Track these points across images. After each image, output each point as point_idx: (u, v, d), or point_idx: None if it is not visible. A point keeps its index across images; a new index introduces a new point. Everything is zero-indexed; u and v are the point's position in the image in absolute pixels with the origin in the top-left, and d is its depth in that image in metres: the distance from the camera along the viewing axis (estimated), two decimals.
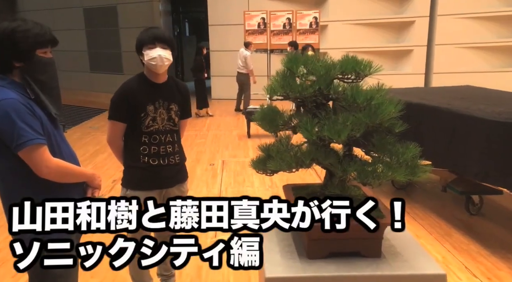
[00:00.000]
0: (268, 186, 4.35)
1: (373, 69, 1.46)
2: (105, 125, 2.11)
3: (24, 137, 1.41)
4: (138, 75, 2.05)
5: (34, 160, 1.45)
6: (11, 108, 1.41)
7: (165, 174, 2.06)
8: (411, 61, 10.22)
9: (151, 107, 2.00)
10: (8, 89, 1.47)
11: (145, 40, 1.95)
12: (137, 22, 12.28)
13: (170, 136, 2.07)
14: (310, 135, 1.40)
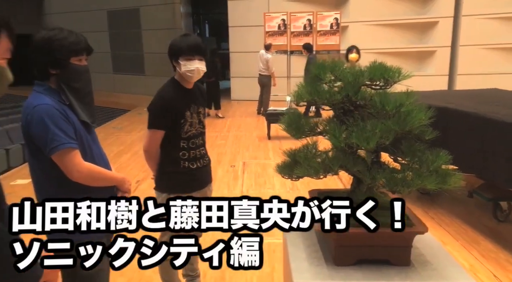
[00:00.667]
0: (289, 188, 4.35)
1: (402, 75, 1.45)
2: (129, 126, 2.16)
3: (56, 141, 1.46)
4: (172, 82, 2.08)
5: (66, 164, 1.50)
6: (45, 113, 1.47)
7: (201, 175, 2.15)
8: (434, 63, 10.04)
9: (188, 113, 2.05)
10: (44, 95, 1.53)
11: (184, 51, 1.98)
12: (159, 24, 12.48)
13: (201, 139, 2.14)
14: (338, 142, 1.40)
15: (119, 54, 14.18)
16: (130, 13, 13.34)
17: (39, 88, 1.55)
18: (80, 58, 1.57)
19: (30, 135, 1.50)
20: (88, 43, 1.60)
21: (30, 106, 1.50)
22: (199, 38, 2.06)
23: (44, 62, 1.52)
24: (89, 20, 13.64)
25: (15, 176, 5.00)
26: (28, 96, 1.57)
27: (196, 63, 1.98)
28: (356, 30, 10.27)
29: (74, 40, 1.54)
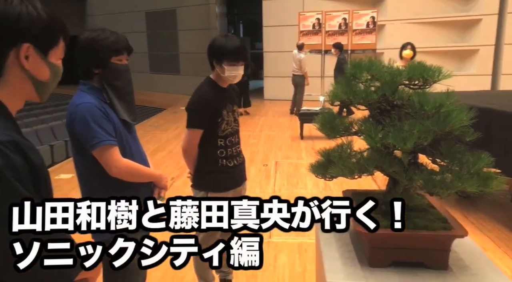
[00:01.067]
0: (322, 189, 4.32)
1: (442, 75, 1.41)
2: (164, 124, 2.23)
3: (96, 138, 1.53)
4: (209, 82, 2.12)
5: (105, 160, 1.56)
6: (87, 112, 1.55)
7: (238, 173, 2.19)
8: (476, 62, 9.62)
9: (225, 112, 2.09)
10: (87, 94, 1.61)
11: (229, 56, 2.00)
12: (195, 24, 12.72)
13: (237, 137, 2.18)
14: (374, 142, 1.38)
15: (156, 54, 14.57)
16: (167, 14, 13.68)
17: (83, 87, 1.63)
18: (120, 58, 1.63)
19: (73, 133, 1.58)
20: (128, 43, 1.66)
21: (73, 104, 1.58)
22: (241, 40, 2.06)
23: (87, 62, 1.60)
24: (129, 21, 14.11)
25: (59, 171, 5.26)
26: (73, 95, 1.66)
27: (239, 69, 2.03)
28: (394, 28, 10.02)
29: (115, 40, 1.60)
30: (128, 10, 14.63)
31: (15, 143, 0.80)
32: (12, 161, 0.77)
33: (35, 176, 0.82)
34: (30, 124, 7.96)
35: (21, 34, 0.85)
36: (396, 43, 9.59)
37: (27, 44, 0.86)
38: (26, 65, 0.87)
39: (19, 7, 0.84)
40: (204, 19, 12.66)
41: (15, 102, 0.90)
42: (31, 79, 0.89)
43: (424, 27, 9.91)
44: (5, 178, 0.75)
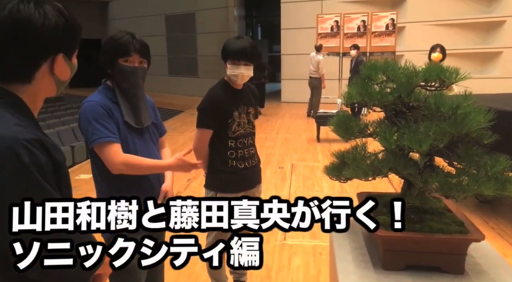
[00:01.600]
0: (338, 192, 4.28)
1: (459, 76, 1.39)
2: (182, 126, 2.25)
3: (95, 135, 1.56)
4: (222, 83, 2.13)
5: (103, 156, 1.58)
6: (89, 109, 1.59)
7: (249, 175, 2.17)
8: (500, 64, 9.39)
9: (236, 113, 2.09)
10: (99, 92, 1.66)
11: (231, 55, 2.02)
12: (213, 27, 12.83)
13: (251, 139, 2.17)
14: (389, 144, 1.37)
15: (175, 57, 14.76)
16: (186, 17, 13.84)
17: (100, 86, 1.69)
18: (128, 59, 1.63)
19: (80, 130, 1.64)
20: (142, 47, 1.65)
21: (83, 103, 1.64)
22: (250, 42, 2.05)
23: (101, 61, 1.65)
24: (149, 24, 14.34)
25: (79, 171, 5.38)
26: None
27: (241, 68, 2.01)
28: (414, 30, 9.88)
29: (124, 42, 1.61)
30: (148, 14, 14.87)
31: (40, 141, 0.82)
32: (38, 158, 0.80)
33: (57, 173, 0.85)
34: (53, 125, 8.17)
35: (57, 45, 0.88)
36: (417, 45, 9.48)
37: (61, 54, 0.90)
38: (56, 72, 0.91)
39: (54, 19, 0.87)
40: (223, 22, 12.76)
41: (38, 102, 0.94)
42: (55, 81, 0.93)
43: (445, 29, 9.74)
44: (32, 174, 0.78)
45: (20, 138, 0.79)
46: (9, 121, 0.82)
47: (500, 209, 3.64)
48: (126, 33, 1.65)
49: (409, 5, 9.97)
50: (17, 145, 0.78)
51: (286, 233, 3.36)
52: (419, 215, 1.40)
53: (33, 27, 0.84)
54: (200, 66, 13.77)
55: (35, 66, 0.88)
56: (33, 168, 0.78)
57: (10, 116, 0.84)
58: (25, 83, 0.88)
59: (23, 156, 0.77)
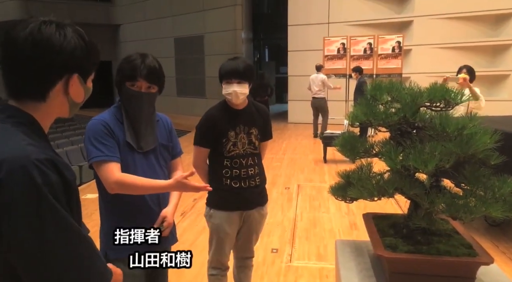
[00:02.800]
0: (345, 213, 4.23)
1: (464, 97, 1.39)
2: (189, 146, 2.26)
3: (93, 153, 1.57)
4: (220, 103, 2.16)
5: (99, 174, 1.59)
6: (91, 128, 1.61)
7: (246, 196, 2.13)
8: (508, 87, 9.39)
9: (232, 133, 2.09)
10: (108, 111, 1.69)
11: (223, 74, 2.06)
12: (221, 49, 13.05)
13: (251, 160, 2.14)
14: (394, 164, 1.36)
15: (183, 79, 14.98)
16: (195, 40, 14.12)
17: (113, 105, 1.73)
18: (134, 84, 1.64)
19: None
20: (152, 73, 1.64)
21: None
22: (243, 62, 2.06)
23: (115, 81, 1.69)
24: (158, 47, 14.64)
25: (86, 191, 5.39)
26: None
27: (234, 86, 2.02)
28: (420, 53, 9.96)
29: (132, 66, 1.62)
30: (158, 36, 15.20)
31: (51, 160, 0.83)
32: (49, 177, 0.81)
33: (67, 192, 0.85)
34: (62, 145, 8.25)
35: (73, 66, 0.91)
36: (423, 67, 9.54)
37: (76, 74, 0.92)
38: (71, 92, 0.93)
39: (73, 41, 0.90)
40: (231, 45, 12.98)
41: (49, 120, 0.96)
42: (69, 102, 0.95)
43: (451, 52, 9.79)
44: (43, 194, 0.79)
45: (33, 158, 0.80)
46: (22, 141, 0.84)
47: (510, 232, 3.56)
48: (139, 55, 1.65)
49: (415, 28, 10.08)
50: (30, 164, 0.79)
51: (291, 255, 3.31)
52: (426, 237, 1.37)
53: (52, 47, 0.87)
54: (208, 87, 13.94)
55: (51, 85, 0.90)
56: (45, 187, 0.79)
57: (23, 136, 0.86)
58: (40, 101, 0.90)
59: (35, 176, 0.78)
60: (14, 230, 0.78)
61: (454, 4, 9.58)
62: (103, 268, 0.91)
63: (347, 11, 10.69)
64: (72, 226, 0.84)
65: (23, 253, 0.79)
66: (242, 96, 2.06)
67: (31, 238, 0.78)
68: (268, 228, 3.78)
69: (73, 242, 0.84)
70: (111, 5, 17.75)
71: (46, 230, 0.79)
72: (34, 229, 0.78)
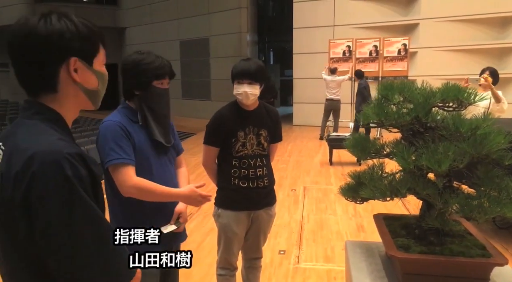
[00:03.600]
0: (352, 215, 4.21)
1: (478, 97, 1.38)
2: (194, 148, 2.28)
3: (110, 156, 1.57)
4: (231, 103, 2.17)
5: (116, 178, 1.59)
6: (106, 129, 1.60)
7: (253, 196, 2.13)
8: None
9: (241, 133, 2.09)
10: (119, 113, 1.67)
11: (235, 74, 2.07)
12: (226, 52, 13.09)
13: (259, 161, 2.14)
14: (407, 164, 1.36)
15: (188, 81, 15.03)
16: (200, 43, 14.18)
17: (120, 106, 1.72)
18: (162, 82, 1.69)
19: (97, 149, 1.64)
20: (171, 68, 1.73)
21: (101, 123, 1.66)
22: (255, 63, 2.08)
23: (130, 83, 1.67)
24: (164, 49, 14.69)
25: None
26: None
27: (245, 87, 2.03)
28: (427, 56, 9.93)
29: (159, 65, 1.66)
30: (164, 39, 15.28)
31: (81, 155, 0.85)
32: (79, 171, 0.83)
33: (95, 187, 0.87)
34: None
35: (66, 49, 0.90)
36: (429, 70, 9.50)
37: (74, 57, 0.91)
38: (77, 78, 0.93)
39: (59, 24, 0.90)
40: (236, 47, 13.02)
41: (72, 113, 0.97)
42: (83, 90, 0.96)
43: (458, 55, 9.76)
44: (74, 186, 0.81)
45: (64, 152, 0.82)
46: (53, 136, 0.87)
47: None
48: (155, 56, 1.68)
49: (421, 31, 10.06)
50: (62, 158, 0.81)
51: (299, 256, 3.30)
52: (439, 238, 1.36)
53: (39, 35, 0.87)
54: (213, 89, 13.98)
55: (53, 73, 0.90)
56: (75, 180, 0.81)
57: (53, 131, 0.88)
58: (52, 92, 0.91)
59: (66, 169, 0.81)
60: (47, 221, 0.80)
61: (460, 7, 9.55)
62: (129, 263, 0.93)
63: (352, 13, 10.69)
64: (101, 219, 0.86)
65: (54, 243, 0.80)
66: (253, 97, 2.06)
67: (62, 229, 0.80)
68: (275, 229, 3.77)
69: (102, 234, 0.85)
70: (117, 8, 17.88)
71: (76, 221, 0.81)
72: (65, 220, 0.80)
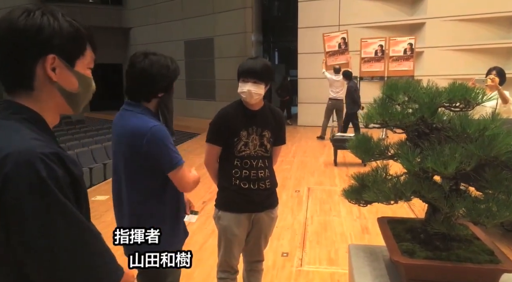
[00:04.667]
0: (356, 217, 4.16)
1: (486, 97, 1.33)
2: (198, 149, 2.26)
3: (175, 159, 1.62)
4: (236, 102, 2.13)
5: (181, 178, 1.66)
6: (162, 134, 1.61)
7: (254, 198, 2.09)
8: None
9: (244, 133, 2.06)
10: (147, 116, 1.64)
11: (240, 73, 2.05)
12: (231, 52, 13.07)
13: (261, 162, 2.10)
14: (412, 166, 1.31)
15: (193, 81, 15.02)
16: (205, 43, 14.16)
17: (136, 109, 1.66)
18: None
19: (147, 155, 1.60)
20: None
21: (145, 127, 1.59)
22: (262, 62, 2.05)
23: (156, 86, 1.66)
24: (168, 50, 14.68)
25: (95, 192, 5.40)
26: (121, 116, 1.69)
27: (249, 85, 2.00)
28: (433, 55, 9.83)
29: (176, 66, 1.74)
30: (168, 39, 15.28)
31: (57, 154, 0.81)
32: (55, 172, 0.79)
33: (75, 188, 0.84)
34: (72, 147, 8.31)
35: (44, 45, 0.86)
36: (436, 70, 9.40)
37: (52, 55, 0.87)
38: (53, 77, 0.88)
39: (40, 19, 0.86)
40: (240, 47, 12.98)
41: (51, 116, 0.93)
42: (60, 91, 0.91)
43: (464, 54, 9.65)
44: (49, 188, 0.77)
45: (38, 152, 0.78)
46: (26, 136, 0.82)
47: None
48: (170, 58, 1.74)
49: (427, 30, 9.96)
50: (35, 158, 0.77)
51: (302, 259, 3.26)
52: (445, 242, 1.32)
53: (17, 28, 0.84)
54: (218, 90, 13.95)
55: (28, 69, 0.86)
56: (51, 181, 0.77)
57: (27, 131, 0.84)
58: (27, 89, 0.88)
59: (40, 170, 0.77)
60: (21, 225, 0.77)
61: (467, 6, 9.44)
62: (114, 266, 0.89)
63: (358, 13, 10.61)
64: (79, 221, 0.82)
65: (31, 248, 0.77)
66: (257, 97, 2.02)
67: (39, 233, 0.77)
68: (278, 231, 3.73)
69: (81, 237, 0.82)
70: (122, 9, 17.92)
71: (53, 224, 0.78)
72: (41, 224, 0.77)
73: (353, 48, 9.42)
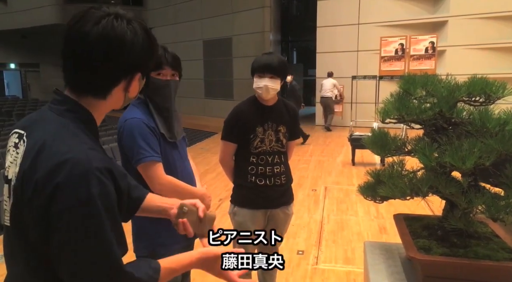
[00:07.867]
0: (374, 217, 4.10)
1: (507, 91, 1.30)
2: (215, 147, 2.27)
3: (141, 154, 1.55)
4: (250, 98, 2.13)
5: (148, 176, 1.57)
6: (134, 127, 1.57)
7: (270, 194, 2.09)
8: None
9: (260, 129, 2.06)
10: (137, 108, 1.63)
11: (256, 68, 2.04)
12: (249, 51, 13.09)
13: (277, 158, 2.09)
14: (429, 161, 1.29)
15: (211, 81, 15.12)
16: (223, 42, 14.23)
17: (135, 101, 1.67)
18: (159, 72, 1.63)
19: (122, 147, 1.62)
20: (174, 59, 1.66)
21: (123, 119, 1.61)
22: (278, 57, 2.04)
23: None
24: (187, 49, 14.85)
25: None
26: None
27: (266, 80, 1.99)
28: (455, 54, 9.62)
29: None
30: (187, 39, 15.43)
31: (110, 170, 0.81)
32: (107, 188, 0.78)
33: (119, 200, 0.83)
34: None
35: (140, 64, 0.89)
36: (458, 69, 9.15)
37: (139, 73, 0.90)
38: (130, 89, 0.91)
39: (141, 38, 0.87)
40: (259, 47, 12.99)
41: (102, 117, 0.94)
42: (125, 97, 0.93)
43: (487, 53, 9.40)
44: (96, 206, 0.76)
45: (93, 166, 0.77)
46: (84, 145, 0.81)
47: None
48: (160, 47, 1.64)
49: (449, 28, 9.75)
50: (90, 172, 0.76)
51: (318, 257, 3.24)
52: (462, 239, 1.29)
53: (124, 46, 0.84)
54: (236, 89, 14.00)
55: (116, 83, 0.87)
56: (100, 199, 0.76)
57: (84, 137, 0.84)
58: (100, 98, 0.88)
59: (92, 186, 0.76)
60: (61, 236, 0.77)
61: (491, 4, 9.20)
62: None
63: (378, 11, 10.47)
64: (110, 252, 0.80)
65: (65, 257, 0.78)
66: (273, 92, 2.03)
67: (70, 248, 0.77)
68: (294, 229, 3.72)
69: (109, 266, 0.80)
70: (143, 9, 18.20)
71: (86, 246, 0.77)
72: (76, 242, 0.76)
73: (371, 47, 9.28)
